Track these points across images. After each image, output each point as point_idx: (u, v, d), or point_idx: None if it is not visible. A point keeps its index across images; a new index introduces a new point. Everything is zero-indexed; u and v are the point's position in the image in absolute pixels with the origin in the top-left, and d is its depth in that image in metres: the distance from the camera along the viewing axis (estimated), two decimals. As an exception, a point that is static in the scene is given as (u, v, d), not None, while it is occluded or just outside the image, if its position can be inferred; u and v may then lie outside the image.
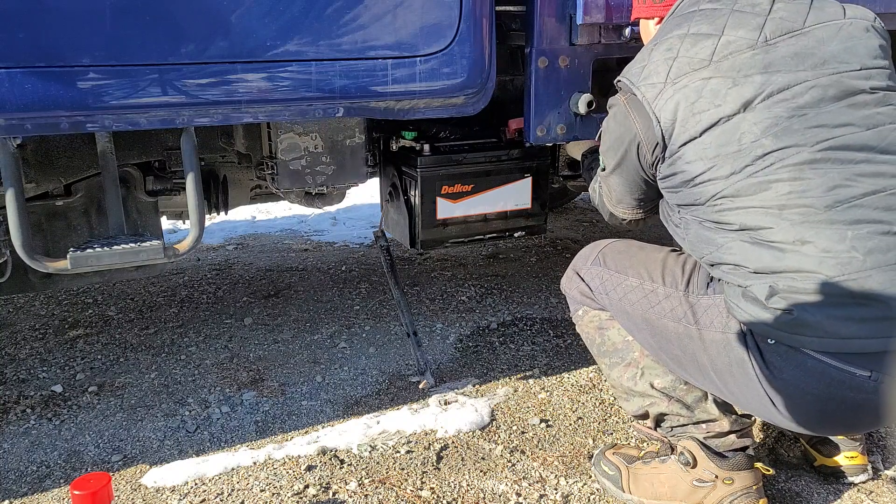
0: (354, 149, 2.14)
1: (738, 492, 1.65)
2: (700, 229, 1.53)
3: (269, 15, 1.59)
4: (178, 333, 2.73)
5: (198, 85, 1.58)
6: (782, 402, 1.45)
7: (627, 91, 1.56)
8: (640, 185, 1.66)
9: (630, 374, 1.75)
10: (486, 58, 1.82)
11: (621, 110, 1.59)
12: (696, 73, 1.47)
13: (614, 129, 1.62)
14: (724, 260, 1.48)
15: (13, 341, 2.68)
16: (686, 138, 1.46)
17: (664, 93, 1.48)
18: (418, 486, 1.84)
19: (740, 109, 1.43)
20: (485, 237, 2.40)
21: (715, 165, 1.44)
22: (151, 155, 2.11)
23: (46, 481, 1.90)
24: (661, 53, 1.54)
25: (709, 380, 1.57)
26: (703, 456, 1.68)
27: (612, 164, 1.67)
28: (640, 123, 1.53)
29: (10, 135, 1.54)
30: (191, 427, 2.12)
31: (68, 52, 1.48)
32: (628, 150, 1.59)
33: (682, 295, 1.59)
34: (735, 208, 1.44)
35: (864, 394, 1.37)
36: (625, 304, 1.70)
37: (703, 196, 1.47)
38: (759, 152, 1.41)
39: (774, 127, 1.41)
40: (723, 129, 1.43)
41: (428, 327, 2.75)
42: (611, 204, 1.79)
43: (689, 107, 1.46)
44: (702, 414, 1.70)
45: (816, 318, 1.35)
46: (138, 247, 1.73)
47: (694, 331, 1.55)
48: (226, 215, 2.70)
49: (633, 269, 1.71)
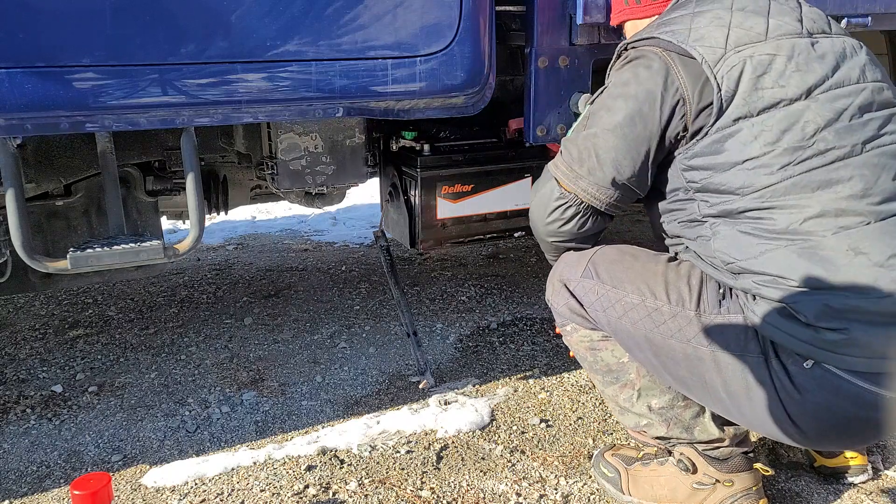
0: (354, 149, 2.14)
1: (738, 493, 1.65)
2: (733, 231, 1.42)
3: (269, 15, 1.59)
4: (178, 333, 2.73)
5: (198, 85, 1.58)
6: (804, 424, 1.40)
7: (673, 49, 1.43)
8: (640, 153, 1.47)
9: (626, 395, 1.67)
10: (486, 58, 1.82)
11: (660, 64, 1.44)
12: (759, 45, 1.40)
13: (644, 79, 1.45)
14: (760, 269, 1.38)
15: (13, 341, 2.67)
16: (743, 112, 1.38)
17: (728, 58, 1.39)
18: (418, 486, 1.84)
19: (803, 96, 1.38)
20: (485, 237, 2.40)
21: (773, 151, 1.36)
22: (151, 155, 2.11)
23: (46, 481, 1.90)
24: (709, 20, 1.44)
25: (718, 401, 1.50)
26: (702, 461, 1.67)
27: (615, 119, 1.48)
28: (689, 82, 1.41)
29: (10, 135, 1.54)
30: (191, 427, 2.12)
31: (68, 52, 1.48)
32: (653, 107, 1.44)
33: (692, 314, 1.47)
34: (787, 207, 1.35)
35: (886, 413, 1.35)
36: (624, 323, 1.55)
37: (752, 185, 1.37)
38: (821, 147, 1.35)
39: (836, 122, 1.37)
40: (786, 113, 1.37)
41: (428, 327, 2.75)
42: (572, 174, 1.53)
43: (754, 80, 1.38)
44: (701, 434, 1.64)
45: (867, 338, 1.30)
46: (138, 247, 1.72)
47: (706, 352, 1.45)
48: (226, 215, 2.70)
49: (630, 283, 1.55)
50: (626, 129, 1.47)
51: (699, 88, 1.40)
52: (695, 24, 1.44)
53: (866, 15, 2.25)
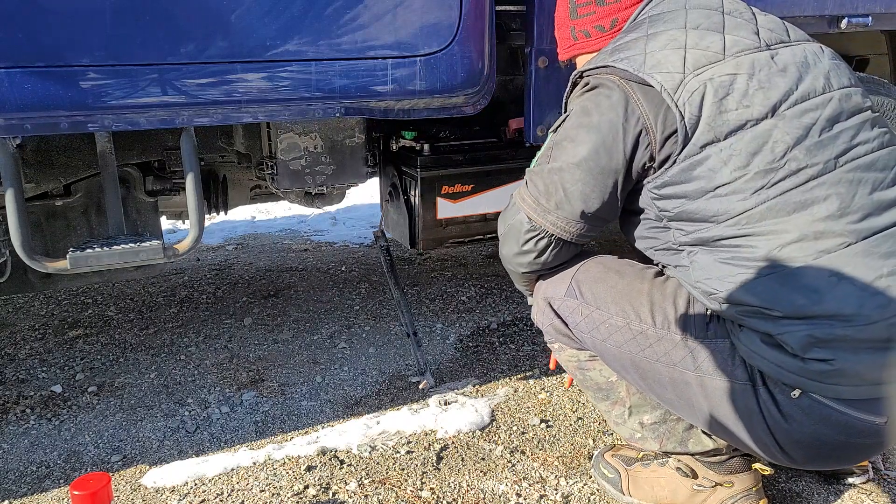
0: (354, 149, 2.14)
1: (738, 494, 1.64)
2: (710, 261, 1.37)
3: (268, 14, 1.59)
4: (177, 333, 2.73)
5: (198, 85, 1.58)
6: (793, 451, 1.38)
7: (630, 78, 1.38)
8: (607, 186, 1.43)
9: (618, 412, 1.66)
10: (486, 58, 1.82)
11: (619, 94, 1.38)
12: (718, 66, 1.35)
13: (605, 109, 1.40)
14: (742, 301, 1.33)
15: (13, 341, 2.67)
16: (710, 138, 1.33)
17: (688, 83, 1.33)
18: (418, 487, 1.84)
19: (769, 114, 1.33)
20: (485, 237, 2.40)
21: (745, 175, 1.31)
22: (151, 155, 2.11)
23: (46, 481, 1.90)
24: (664, 43, 1.39)
25: (705, 423, 1.47)
26: (701, 466, 1.67)
27: (580, 153, 1.43)
28: (650, 111, 1.36)
29: (10, 135, 1.54)
30: (190, 427, 2.12)
31: (68, 52, 1.48)
32: (616, 138, 1.39)
33: (678, 339, 1.42)
34: (765, 233, 1.30)
35: (877, 438, 1.34)
36: (609, 345, 1.51)
37: (726, 212, 1.32)
38: (794, 167, 1.30)
39: (806, 139, 1.31)
40: (753, 135, 1.32)
41: (428, 327, 2.75)
42: (540, 208, 1.49)
43: (717, 103, 1.32)
44: (695, 446, 1.62)
45: (855, 367, 1.27)
46: (138, 247, 1.73)
47: (692, 377, 1.41)
48: (225, 215, 2.70)
49: (615, 304, 1.50)
50: (592, 163, 1.43)
51: (661, 117, 1.35)
52: (650, 49, 1.39)
53: (866, 15, 2.25)
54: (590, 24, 1.60)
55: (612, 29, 1.57)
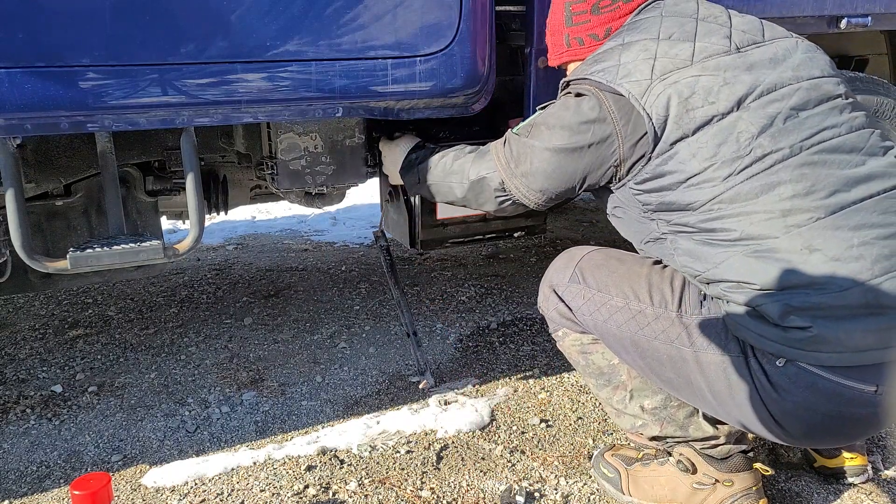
0: (354, 149, 2.14)
1: (738, 493, 1.65)
2: (691, 244, 1.46)
3: (268, 14, 1.59)
4: (178, 333, 2.73)
5: (198, 85, 1.58)
6: (788, 423, 1.41)
7: (604, 89, 1.49)
8: (568, 175, 1.56)
9: (619, 396, 1.69)
10: (486, 58, 1.82)
11: (594, 102, 1.50)
12: (683, 70, 1.45)
13: (583, 112, 1.52)
14: (723, 277, 1.41)
15: (13, 341, 2.67)
16: (679, 135, 1.42)
17: (653, 88, 1.44)
18: (418, 486, 1.84)
19: (734, 108, 1.41)
20: (485, 237, 2.40)
21: (713, 165, 1.40)
22: (151, 155, 2.11)
23: (46, 481, 1.90)
24: (636, 53, 1.49)
25: (704, 401, 1.52)
26: (702, 461, 1.67)
27: (553, 142, 1.55)
28: (619, 118, 1.47)
29: (10, 135, 1.54)
30: (191, 427, 2.12)
31: (68, 52, 1.48)
32: (584, 139, 1.51)
33: (674, 316, 1.51)
34: (735, 214, 1.39)
35: (870, 408, 1.36)
36: (610, 326, 1.59)
37: (699, 200, 1.42)
38: (759, 153, 1.39)
39: (771, 127, 1.40)
40: (719, 128, 1.41)
41: (428, 327, 2.75)
42: (509, 171, 1.63)
43: (682, 102, 1.42)
44: (696, 432, 1.66)
45: (835, 333, 1.31)
46: (138, 247, 1.72)
47: (689, 353, 1.48)
48: (226, 215, 2.70)
49: (615, 286, 1.59)
50: (560, 157, 1.55)
51: (631, 122, 1.45)
52: (623, 59, 1.49)
53: (866, 15, 2.25)
54: (584, 31, 1.67)
55: (605, 37, 1.64)
